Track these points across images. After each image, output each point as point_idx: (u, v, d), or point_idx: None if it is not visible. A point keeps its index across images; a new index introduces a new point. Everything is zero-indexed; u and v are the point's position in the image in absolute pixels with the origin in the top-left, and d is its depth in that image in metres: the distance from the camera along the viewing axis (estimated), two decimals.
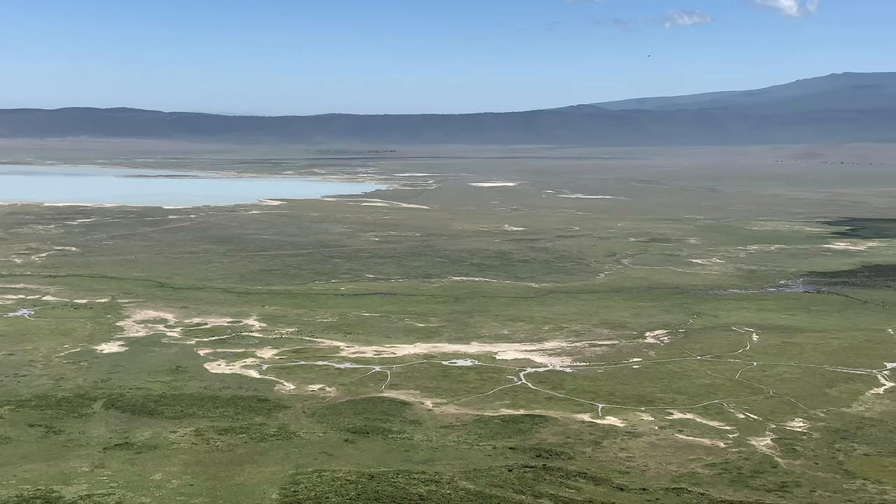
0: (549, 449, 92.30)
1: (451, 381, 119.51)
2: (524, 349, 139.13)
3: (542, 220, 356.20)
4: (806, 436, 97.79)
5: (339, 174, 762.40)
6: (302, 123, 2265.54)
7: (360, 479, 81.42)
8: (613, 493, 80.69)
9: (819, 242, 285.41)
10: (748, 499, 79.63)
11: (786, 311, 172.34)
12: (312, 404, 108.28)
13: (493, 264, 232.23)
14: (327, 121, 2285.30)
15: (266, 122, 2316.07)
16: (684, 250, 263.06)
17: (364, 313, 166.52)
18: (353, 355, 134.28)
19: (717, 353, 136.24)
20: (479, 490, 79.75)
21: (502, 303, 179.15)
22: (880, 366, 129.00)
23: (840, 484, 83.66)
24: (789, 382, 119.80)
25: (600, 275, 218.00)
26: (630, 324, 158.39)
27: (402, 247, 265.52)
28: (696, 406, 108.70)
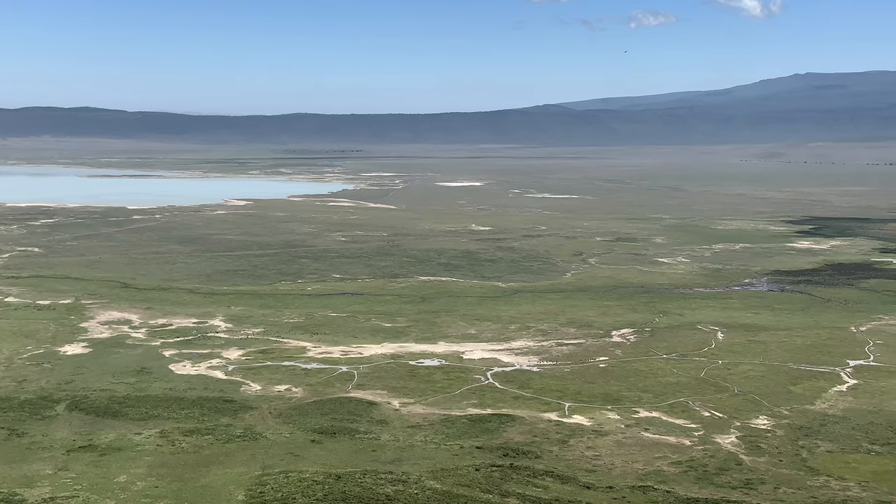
0: (516, 448, 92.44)
1: (419, 381, 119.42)
2: (491, 349, 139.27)
3: (508, 219, 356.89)
4: (770, 433, 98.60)
5: (306, 174, 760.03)
6: (268, 123, 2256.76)
7: (326, 480, 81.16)
8: (580, 491, 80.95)
9: (783, 241, 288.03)
10: (713, 496, 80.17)
11: (750, 309, 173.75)
12: (279, 405, 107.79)
13: (460, 264, 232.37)
14: (293, 120, 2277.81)
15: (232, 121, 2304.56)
16: (650, 249, 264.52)
17: (331, 313, 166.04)
18: (320, 356, 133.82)
19: (682, 352, 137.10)
20: (446, 489, 79.73)
21: (469, 302, 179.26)
22: (843, 363, 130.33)
23: (804, 481, 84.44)
24: (754, 380, 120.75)
25: (567, 274, 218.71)
26: (596, 323, 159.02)
27: (369, 247, 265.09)
28: (661, 404, 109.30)
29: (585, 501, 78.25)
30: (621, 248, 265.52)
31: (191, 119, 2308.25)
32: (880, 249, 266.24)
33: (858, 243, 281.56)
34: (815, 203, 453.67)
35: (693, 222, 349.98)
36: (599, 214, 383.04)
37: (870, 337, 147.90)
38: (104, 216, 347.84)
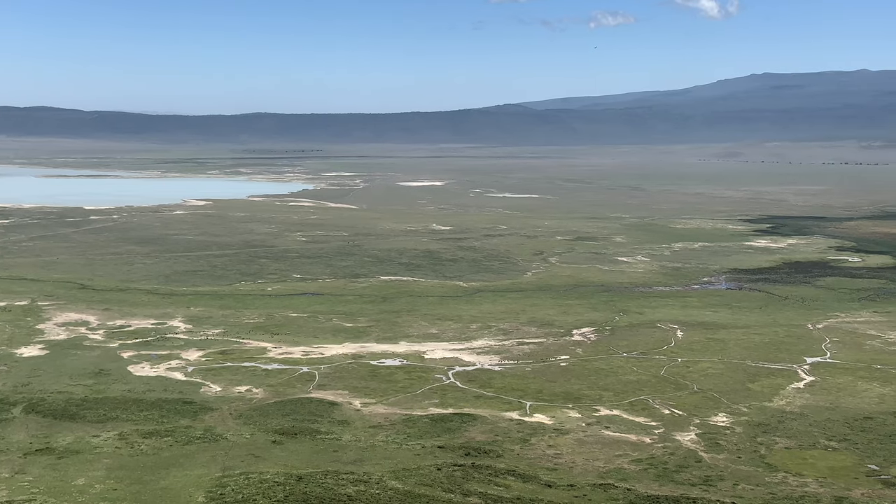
0: (477, 447, 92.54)
1: (380, 381, 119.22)
2: (452, 348, 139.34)
3: (469, 219, 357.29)
4: (729, 430, 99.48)
5: (266, 174, 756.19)
6: (227, 122, 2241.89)
7: (287, 481, 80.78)
8: (541, 489, 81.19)
9: (741, 240, 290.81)
10: (673, 493, 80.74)
11: (709, 307, 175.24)
12: (239, 406, 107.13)
13: (422, 263, 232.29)
14: (253, 120, 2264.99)
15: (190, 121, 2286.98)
16: (610, 248, 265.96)
17: (291, 314, 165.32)
18: (281, 356, 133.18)
19: (642, 350, 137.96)
20: (408, 489, 79.64)
21: (430, 302, 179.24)
22: (800, 360, 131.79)
23: (762, 477, 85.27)
24: (713, 378, 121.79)
25: (528, 273, 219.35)
26: (557, 322, 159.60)
27: (330, 246, 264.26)
28: (622, 402, 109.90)
29: (547, 500, 78.48)
30: (582, 248, 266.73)
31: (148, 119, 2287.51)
32: (836, 248, 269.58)
33: (815, 242, 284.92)
34: (772, 202, 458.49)
35: (652, 221, 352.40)
36: (560, 214, 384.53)
37: (826, 334, 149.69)
38: (61, 216, 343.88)
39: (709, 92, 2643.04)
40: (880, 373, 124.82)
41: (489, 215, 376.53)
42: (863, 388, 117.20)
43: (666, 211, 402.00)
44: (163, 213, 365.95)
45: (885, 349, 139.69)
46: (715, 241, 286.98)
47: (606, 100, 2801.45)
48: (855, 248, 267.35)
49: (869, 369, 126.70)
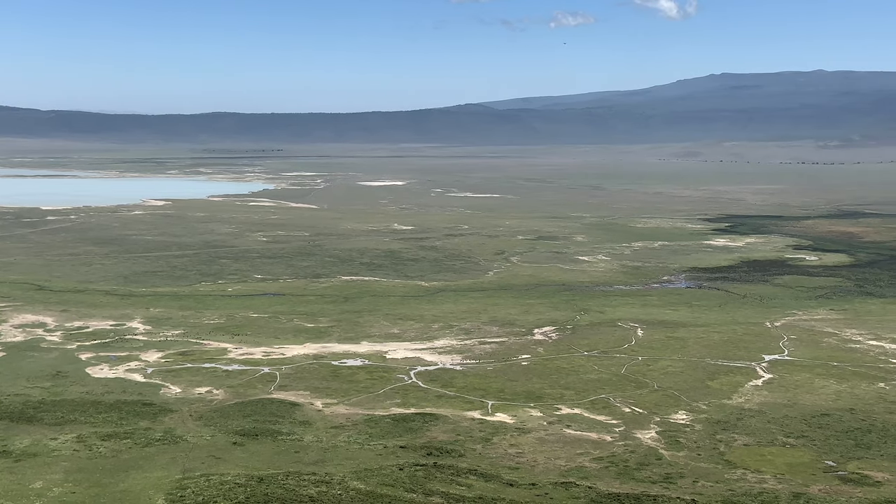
0: (439, 447, 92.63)
1: (342, 381, 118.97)
2: (414, 348, 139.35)
3: (431, 218, 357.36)
4: (689, 428, 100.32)
5: (226, 173, 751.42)
6: (186, 122, 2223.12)
7: (249, 483, 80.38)
8: (503, 488, 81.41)
9: (700, 239, 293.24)
10: (634, 491, 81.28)
11: (669, 306, 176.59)
12: (199, 407, 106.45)
13: (383, 263, 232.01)
14: (212, 119, 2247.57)
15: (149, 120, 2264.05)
16: (571, 248, 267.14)
17: (252, 314, 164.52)
18: (242, 357, 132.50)
19: (603, 349, 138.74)
20: (370, 490, 79.54)
21: (392, 302, 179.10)
22: (759, 358, 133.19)
23: (721, 474, 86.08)
24: (673, 376, 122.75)
25: (489, 273, 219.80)
26: (519, 321, 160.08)
27: (291, 246, 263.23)
28: (583, 401, 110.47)
29: (509, 499, 78.71)
30: (543, 247, 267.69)
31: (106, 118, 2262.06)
32: (793, 246, 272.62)
33: (773, 240, 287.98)
34: (730, 201, 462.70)
35: (613, 221, 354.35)
36: (521, 213, 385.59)
37: (784, 332, 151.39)
38: (17, 217, 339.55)
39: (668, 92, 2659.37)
40: (837, 370, 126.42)
41: (451, 215, 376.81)
42: (820, 385, 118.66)
43: (626, 210, 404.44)
44: (121, 214, 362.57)
45: (841, 346, 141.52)
46: (674, 240, 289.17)
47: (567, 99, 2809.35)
48: (812, 247, 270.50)
49: (826, 366, 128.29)
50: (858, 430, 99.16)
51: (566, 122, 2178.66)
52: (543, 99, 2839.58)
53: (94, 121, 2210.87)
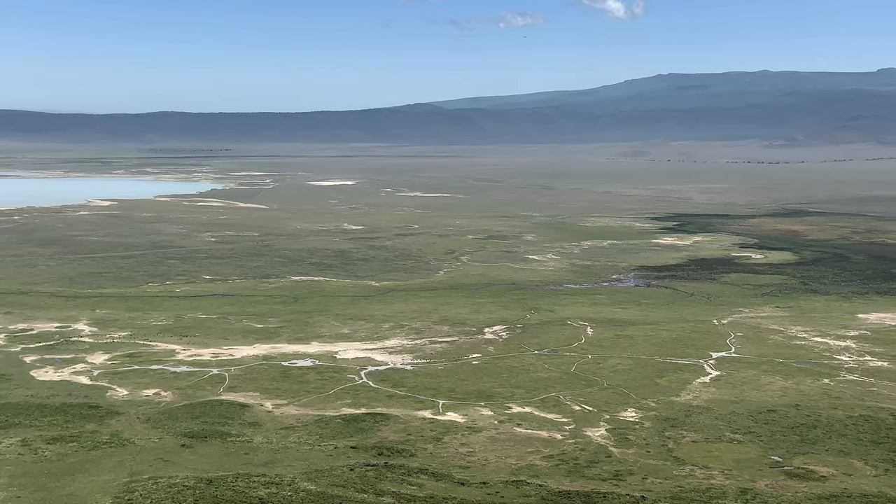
0: (390, 447, 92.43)
1: (292, 382, 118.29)
2: (365, 348, 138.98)
3: (381, 218, 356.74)
4: (638, 425, 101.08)
5: (173, 173, 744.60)
6: (132, 121, 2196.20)
7: (197, 485, 79.57)
8: (454, 488, 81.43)
9: (648, 238, 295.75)
10: (584, 488, 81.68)
11: (618, 304, 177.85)
12: (147, 410, 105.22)
13: (333, 263, 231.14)
14: (159, 119, 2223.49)
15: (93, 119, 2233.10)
16: (521, 247, 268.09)
17: (201, 315, 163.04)
18: (190, 358, 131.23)
19: (553, 347, 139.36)
20: (320, 490, 79.13)
21: (342, 302, 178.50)
22: (706, 355, 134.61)
23: (670, 470, 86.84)
24: (622, 374, 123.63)
25: (440, 272, 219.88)
26: (469, 320, 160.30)
27: (240, 247, 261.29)
28: (533, 399, 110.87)
29: (460, 498, 78.73)
30: (493, 246, 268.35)
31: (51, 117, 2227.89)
32: (740, 245, 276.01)
33: (719, 239, 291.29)
34: (678, 200, 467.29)
35: (562, 220, 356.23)
36: (471, 213, 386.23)
37: (731, 329, 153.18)
38: None
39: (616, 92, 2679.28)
40: (783, 366, 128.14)
41: (401, 214, 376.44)
42: (766, 381, 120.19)
43: (575, 209, 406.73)
44: (66, 214, 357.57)
45: (787, 343, 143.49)
46: (623, 238, 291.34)
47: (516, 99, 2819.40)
48: (758, 245, 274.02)
49: (772, 363, 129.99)
50: (804, 426, 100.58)
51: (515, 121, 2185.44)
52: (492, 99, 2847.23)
53: (39, 120, 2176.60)
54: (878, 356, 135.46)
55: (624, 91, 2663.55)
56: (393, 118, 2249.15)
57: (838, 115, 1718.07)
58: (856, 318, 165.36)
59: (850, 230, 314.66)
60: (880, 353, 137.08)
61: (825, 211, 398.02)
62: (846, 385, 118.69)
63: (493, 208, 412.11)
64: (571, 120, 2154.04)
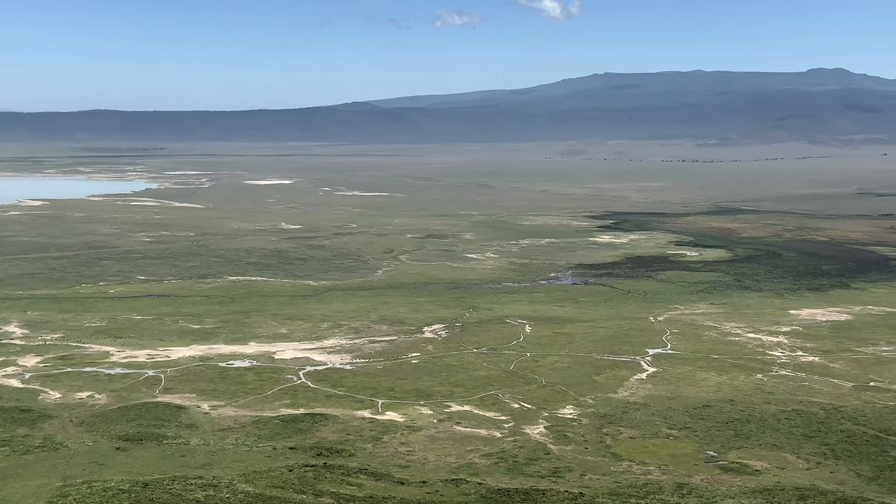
0: (329, 447, 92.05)
1: (229, 383, 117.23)
2: (303, 348, 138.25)
3: (319, 217, 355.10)
4: (576, 422, 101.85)
5: (106, 172, 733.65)
6: (63, 119, 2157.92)
7: (133, 488, 78.48)
8: (394, 487, 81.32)
9: (586, 236, 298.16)
10: (523, 486, 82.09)
11: (556, 302, 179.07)
12: (81, 413, 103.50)
13: (271, 263, 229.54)
14: (91, 117, 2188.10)
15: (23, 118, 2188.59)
16: (460, 245, 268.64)
17: (136, 316, 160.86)
18: (125, 360, 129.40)
19: (492, 346, 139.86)
20: (258, 492, 78.52)
21: (280, 302, 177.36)
22: (643, 352, 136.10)
23: (608, 466, 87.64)
24: (560, 371, 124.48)
25: (378, 271, 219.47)
26: (408, 319, 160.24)
27: (175, 247, 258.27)
28: (473, 398, 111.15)
29: (399, 497, 78.65)
30: (432, 245, 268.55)
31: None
32: (675, 242, 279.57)
33: (655, 237, 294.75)
34: (614, 199, 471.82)
35: (501, 218, 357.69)
36: (410, 212, 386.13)
37: (667, 326, 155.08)
38: None
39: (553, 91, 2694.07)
40: (717, 362, 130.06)
41: (339, 214, 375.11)
42: (701, 377, 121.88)
43: (513, 208, 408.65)
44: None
45: (721, 339, 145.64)
46: (561, 237, 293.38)
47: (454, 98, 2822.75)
48: (692, 243, 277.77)
49: (707, 359, 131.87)
50: (738, 421, 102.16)
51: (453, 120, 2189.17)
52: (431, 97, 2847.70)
53: None
54: (809, 351, 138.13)
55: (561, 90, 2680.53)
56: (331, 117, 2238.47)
57: (770, 114, 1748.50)
58: (788, 314, 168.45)
59: (782, 228, 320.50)
60: (811, 349, 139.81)
61: (757, 209, 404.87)
62: (779, 380, 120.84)
63: (432, 207, 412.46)
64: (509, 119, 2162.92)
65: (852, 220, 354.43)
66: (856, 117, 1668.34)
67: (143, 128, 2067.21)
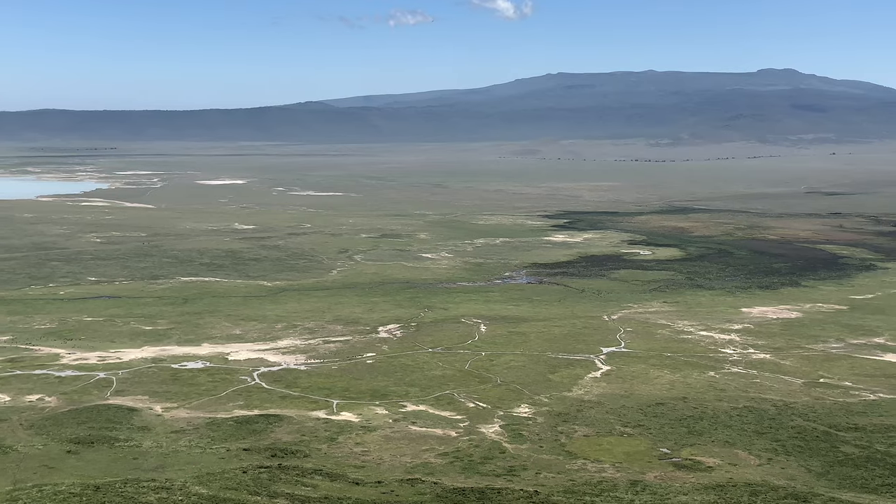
0: (284, 448, 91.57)
1: (182, 385, 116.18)
2: (257, 348, 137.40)
3: (272, 217, 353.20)
4: (531, 421, 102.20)
5: (56, 172, 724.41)
6: (10, 119, 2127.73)
7: (84, 492, 77.49)
8: (349, 487, 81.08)
9: (540, 235, 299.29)
10: (479, 485, 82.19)
11: (511, 301, 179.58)
12: (31, 416, 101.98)
13: (224, 263, 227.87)
14: (40, 116, 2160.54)
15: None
16: (414, 245, 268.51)
17: (86, 318, 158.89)
18: (75, 362, 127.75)
19: (447, 345, 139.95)
20: (212, 494, 77.87)
21: (234, 302, 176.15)
22: (597, 351, 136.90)
23: (563, 465, 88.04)
24: (515, 370, 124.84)
25: (333, 271, 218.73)
26: (363, 319, 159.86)
27: (127, 247, 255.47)
28: (428, 397, 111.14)
29: (355, 498, 78.41)
30: (386, 245, 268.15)
31: None
32: (628, 241, 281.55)
33: (609, 236, 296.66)
34: (568, 198, 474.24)
35: (455, 218, 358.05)
36: (364, 211, 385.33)
37: (621, 325, 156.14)
38: None
39: (507, 91, 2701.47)
40: (670, 360, 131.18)
41: (293, 213, 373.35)
42: (655, 375, 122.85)
43: (468, 207, 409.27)
44: None
45: (674, 338, 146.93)
46: (515, 236, 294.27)
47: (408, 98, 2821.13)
48: (646, 242, 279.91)
49: (660, 357, 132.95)
50: (691, 418, 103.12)
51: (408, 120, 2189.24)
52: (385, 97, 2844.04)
53: None
54: (760, 349, 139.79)
55: (514, 90, 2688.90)
56: (283, 116, 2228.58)
57: (721, 114, 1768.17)
58: (739, 311, 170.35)
59: (734, 226, 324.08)
60: (763, 346, 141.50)
61: (709, 208, 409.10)
62: (731, 377, 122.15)
63: (387, 207, 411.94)
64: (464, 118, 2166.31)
65: (802, 218, 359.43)
66: (805, 117, 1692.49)
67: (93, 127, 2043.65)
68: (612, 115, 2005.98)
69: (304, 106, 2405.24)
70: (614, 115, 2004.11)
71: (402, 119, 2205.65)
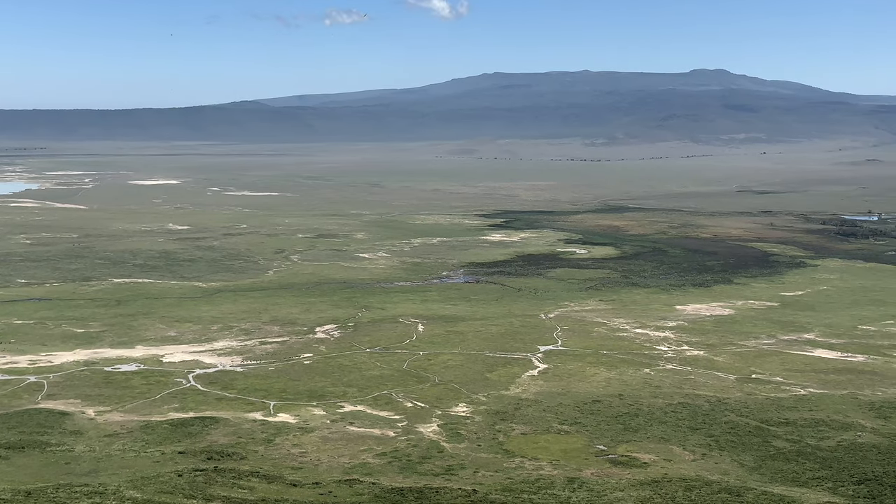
0: (220, 450, 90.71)
1: (115, 388, 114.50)
2: (193, 350, 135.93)
3: (207, 217, 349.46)
4: (469, 420, 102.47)
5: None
6: None
7: (15, 498, 75.95)
8: (287, 489, 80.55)
9: (477, 234, 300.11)
10: (417, 484, 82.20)
11: (448, 301, 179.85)
12: None
13: (158, 264, 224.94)
14: None
15: None
16: (352, 245, 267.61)
17: (16, 321, 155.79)
18: (5, 366, 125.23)
19: (385, 345, 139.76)
20: (147, 498, 76.81)
21: (168, 304, 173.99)
22: (534, 349, 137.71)
23: (501, 463, 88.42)
24: (453, 369, 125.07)
25: (269, 272, 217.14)
26: (300, 320, 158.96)
27: (58, 249, 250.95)
28: (366, 398, 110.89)
29: (292, 499, 77.92)
30: (323, 245, 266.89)
31: None
32: (565, 240, 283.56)
33: (545, 235, 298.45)
34: (505, 197, 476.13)
35: (392, 218, 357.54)
36: (300, 211, 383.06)
37: (557, 323, 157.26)
38: None
39: (443, 90, 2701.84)
40: (606, 358, 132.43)
41: (228, 214, 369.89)
42: (591, 372, 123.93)
43: (405, 207, 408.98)
44: None
45: (610, 335, 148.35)
46: (452, 236, 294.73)
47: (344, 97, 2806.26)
48: (582, 241, 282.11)
49: (597, 355, 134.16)
50: (627, 415, 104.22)
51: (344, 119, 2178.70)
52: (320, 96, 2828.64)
53: None
54: (694, 345, 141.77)
55: (451, 89, 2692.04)
56: (218, 116, 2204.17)
57: (654, 114, 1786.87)
58: (673, 309, 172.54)
59: (667, 225, 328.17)
60: (696, 343, 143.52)
61: (644, 207, 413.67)
62: (665, 374, 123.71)
63: (323, 207, 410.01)
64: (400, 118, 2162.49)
65: (734, 217, 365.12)
66: (736, 117, 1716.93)
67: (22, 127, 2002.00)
68: (548, 114, 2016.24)
69: (238, 105, 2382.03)
70: (550, 114, 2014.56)
71: (338, 118, 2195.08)
